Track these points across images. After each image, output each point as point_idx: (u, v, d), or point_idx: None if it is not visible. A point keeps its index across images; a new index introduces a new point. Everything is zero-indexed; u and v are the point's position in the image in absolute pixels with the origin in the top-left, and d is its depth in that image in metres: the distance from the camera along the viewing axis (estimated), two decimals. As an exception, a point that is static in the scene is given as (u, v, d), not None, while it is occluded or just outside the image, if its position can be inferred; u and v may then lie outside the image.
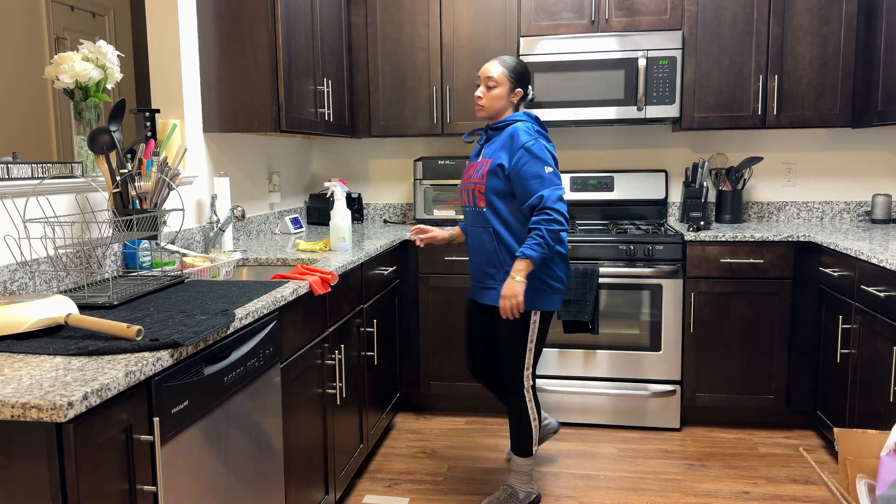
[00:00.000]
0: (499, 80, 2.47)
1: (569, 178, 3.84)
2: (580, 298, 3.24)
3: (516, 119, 2.48)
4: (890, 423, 2.48)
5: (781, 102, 3.41)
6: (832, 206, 3.76)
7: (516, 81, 2.49)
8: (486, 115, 2.52)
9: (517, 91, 2.50)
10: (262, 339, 1.92)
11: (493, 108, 2.50)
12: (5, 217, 1.86)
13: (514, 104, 2.52)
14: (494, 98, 2.48)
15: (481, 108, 2.51)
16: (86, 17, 4.43)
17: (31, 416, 1.13)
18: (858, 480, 1.71)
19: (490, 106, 2.49)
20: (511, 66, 2.48)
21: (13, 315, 1.50)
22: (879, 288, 2.54)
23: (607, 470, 2.97)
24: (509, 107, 2.51)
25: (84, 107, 2.19)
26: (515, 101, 2.52)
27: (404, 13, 3.63)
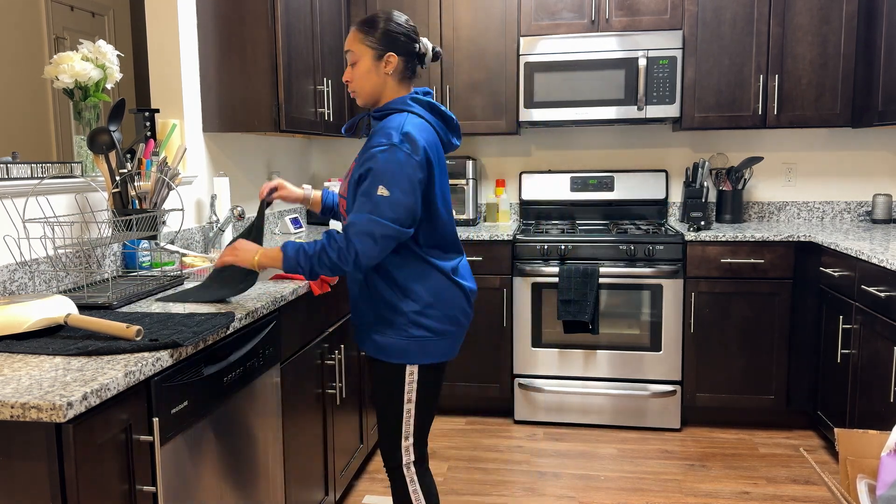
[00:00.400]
0: (358, 52, 1.84)
1: (569, 177, 3.84)
2: (580, 298, 3.24)
3: (399, 107, 1.84)
4: (890, 424, 2.48)
5: (782, 102, 3.41)
6: (832, 206, 3.76)
7: (382, 46, 1.83)
8: (364, 102, 1.90)
9: (389, 58, 1.83)
10: (262, 339, 1.91)
11: (366, 90, 1.87)
12: (5, 217, 1.86)
13: (393, 77, 1.86)
14: (361, 76, 1.85)
15: (354, 93, 1.90)
16: (85, 17, 4.43)
17: (31, 417, 1.13)
18: (859, 481, 1.71)
19: (360, 88, 1.87)
20: (372, 28, 1.84)
21: (13, 315, 1.50)
22: (880, 288, 2.54)
23: (607, 470, 2.97)
24: (388, 82, 1.86)
25: (84, 107, 2.18)
26: (392, 71, 1.84)
27: (404, 13, 3.62)
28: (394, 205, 1.70)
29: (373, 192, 1.71)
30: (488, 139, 4.01)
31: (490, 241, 3.39)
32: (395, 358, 1.86)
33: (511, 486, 2.84)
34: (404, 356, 1.86)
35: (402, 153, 1.72)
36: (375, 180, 1.71)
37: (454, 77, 3.62)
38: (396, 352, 1.86)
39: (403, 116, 1.80)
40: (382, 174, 1.71)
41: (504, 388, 3.48)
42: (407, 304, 1.84)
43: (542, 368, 3.41)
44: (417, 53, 1.88)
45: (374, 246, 1.70)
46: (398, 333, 1.85)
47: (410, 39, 1.86)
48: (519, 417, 3.46)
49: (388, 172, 1.71)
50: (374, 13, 1.88)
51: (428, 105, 1.87)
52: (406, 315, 1.84)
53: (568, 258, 3.34)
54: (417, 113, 1.83)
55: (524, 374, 3.44)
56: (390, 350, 1.86)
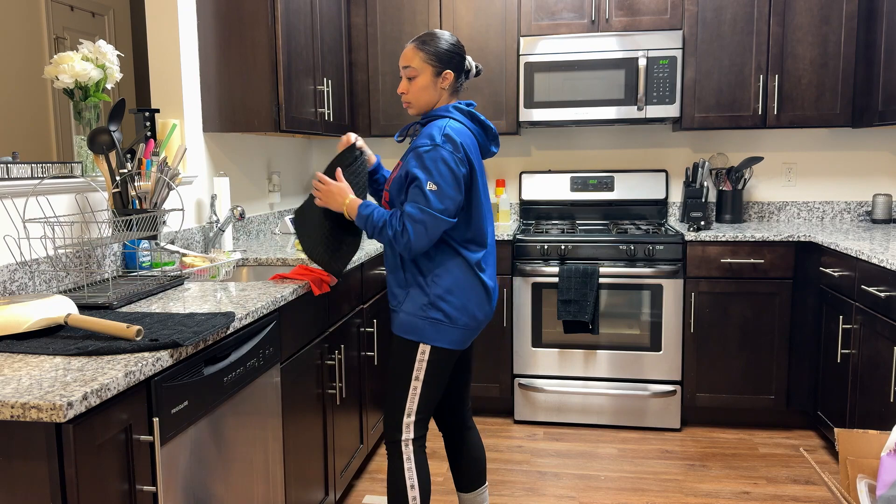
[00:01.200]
0: (418, 68, 2.04)
1: (569, 177, 3.84)
2: (580, 298, 3.24)
3: (442, 114, 2.05)
4: (890, 424, 2.48)
5: (782, 102, 3.41)
6: (832, 206, 3.76)
7: (441, 63, 2.04)
8: (417, 112, 2.10)
9: (446, 75, 2.04)
10: (262, 339, 1.92)
11: (422, 102, 2.07)
12: (5, 217, 1.86)
13: (446, 91, 2.07)
14: (419, 90, 2.05)
15: (409, 104, 2.09)
16: (85, 17, 4.43)
17: (31, 417, 1.13)
18: (859, 481, 1.71)
19: (417, 100, 2.07)
20: (431, 47, 2.03)
21: (13, 315, 1.50)
22: (880, 288, 2.54)
23: (607, 470, 2.97)
24: (442, 95, 2.07)
25: (84, 107, 2.18)
26: (446, 86, 2.06)
27: (404, 13, 3.63)
28: (442, 197, 1.92)
29: (423, 187, 1.91)
30: (488, 139, 4.00)
31: (490, 241, 3.38)
32: (411, 334, 2.03)
33: (511, 486, 2.84)
34: (418, 334, 2.03)
35: (445, 151, 1.93)
36: (425, 176, 1.92)
37: (454, 77, 3.62)
38: (413, 329, 2.03)
39: (445, 121, 2.01)
40: (430, 170, 1.92)
41: (504, 388, 3.48)
42: (431, 286, 2.02)
43: (543, 368, 3.41)
44: (465, 70, 2.11)
45: (425, 235, 1.93)
46: (418, 312, 2.03)
47: (462, 58, 2.08)
48: (519, 417, 3.46)
49: (435, 168, 1.92)
50: (429, 33, 2.07)
51: (468, 114, 2.08)
52: (428, 296, 2.02)
53: (568, 258, 3.34)
54: (458, 119, 2.04)
55: (524, 374, 3.44)
56: (408, 326, 2.04)
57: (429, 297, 2.02)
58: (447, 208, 1.93)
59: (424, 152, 1.94)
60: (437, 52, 2.03)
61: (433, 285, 2.02)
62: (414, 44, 2.05)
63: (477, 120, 2.09)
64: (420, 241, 1.93)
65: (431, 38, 2.05)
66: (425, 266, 2.04)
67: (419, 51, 2.04)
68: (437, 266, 2.03)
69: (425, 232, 1.92)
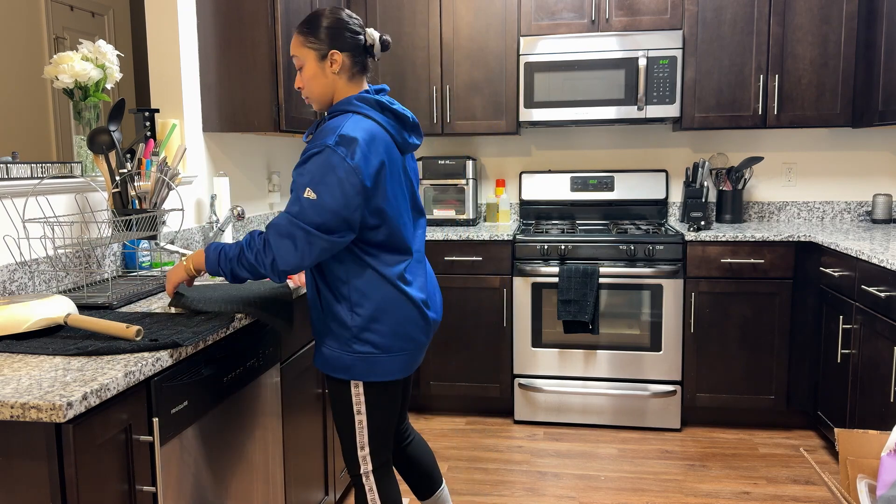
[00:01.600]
0: (301, 56, 1.76)
1: (569, 177, 3.84)
2: (580, 298, 3.24)
3: (343, 108, 1.75)
4: (890, 424, 2.48)
5: (782, 102, 3.41)
6: (833, 206, 3.76)
7: (323, 44, 1.74)
8: (320, 107, 1.82)
9: (333, 56, 1.74)
10: (262, 339, 1.91)
11: (317, 94, 1.78)
12: (5, 217, 1.86)
13: (342, 76, 1.77)
14: (308, 80, 1.77)
15: (308, 99, 1.82)
16: (85, 17, 4.43)
17: (31, 417, 1.13)
18: (859, 481, 1.71)
19: (311, 93, 1.79)
20: (310, 28, 1.75)
21: (13, 315, 1.50)
22: (880, 288, 2.54)
23: (607, 470, 2.97)
24: (337, 82, 1.77)
25: (83, 106, 2.18)
26: (338, 70, 1.75)
27: (404, 13, 3.63)
28: (320, 210, 1.60)
29: (300, 194, 1.61)
30: (488, 139, 4.01)
31: (490, 241, 3.38)
32: (339, 373, 1.79)
33: (511, 486, 2.84)
34: (347, 372, 1.78)
35: (335, 156, 1.61)
36: (304, 182, 1.62)
37: (454, 77, 3.62)
38: (340, 367, 1.79)
39: (345, 118, 1.70)
40: (311, 176, 1.61)
41: (504, 388, 3.48)
42: (351, 317, 1.76)
43: (542, 368, 3.41)
44: (364, 46, 1.79)
45: (294, 251, 1.61)
46: (342, 347, 1.77)
47: (353, 33, 1.76)
48: (519, 417, 3.46)
49: (318, 175, 1.61)
50: (313, 12, 1.78)
51: (376, 103, 1.75)
52: (350, 329, 1.76)
53: (568, 258, 3.34)
54: (363, 113, 1.72)
55: (524, 374, 3.44)
56: (335, 364, 1.79)
57: (350, 329, 1.75)
58: (325, 223, 1.60)
59: (312, 154, 1.63)
60: (317, 33, 1.73)
61: (353, 315, 1.75)
62: (295, 29, 1.77)
63: (388, 109, 1.76)
64: (287, 258, 1.61)
65: (311, 18, 1.75)
66: (339, 291, 1.76)
67: (299, 35, 1.76)
68: (352, 290, 1.75)
69: (294, 248, 1.61)
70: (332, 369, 1.80)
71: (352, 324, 1.75)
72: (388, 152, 1.73)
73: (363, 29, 1.80)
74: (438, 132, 3.66)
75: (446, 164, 3.70)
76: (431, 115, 3.65)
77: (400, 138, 1.79)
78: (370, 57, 1.82)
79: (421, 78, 3.65)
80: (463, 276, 3.43)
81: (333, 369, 1.80)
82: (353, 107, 1.73)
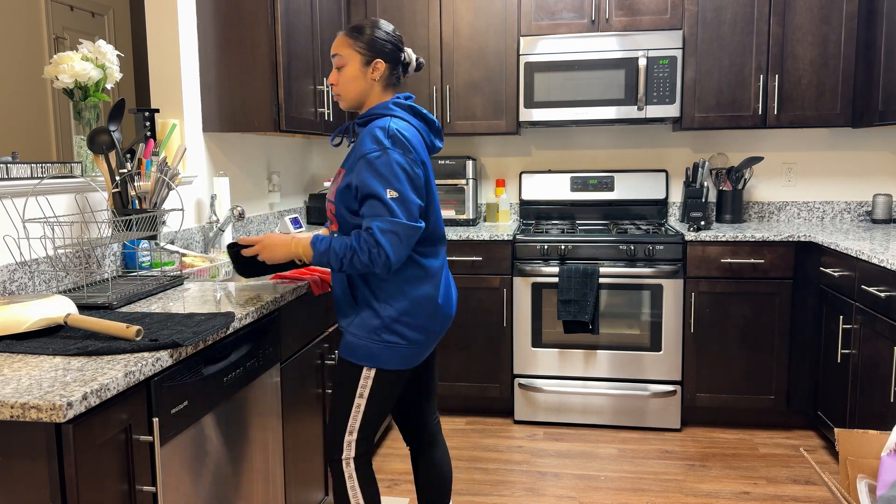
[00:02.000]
0: (346, 57, 1.89)
1: (569, 177, 3.84)
2: (580, 298, 3.24)
3: (381, 112, 1.88)
4: (890, 424, 2.48)
5: (782, 102, 3.41)
6: (833, 206, 3.76)
7: (371, 52, 1.88)
8: (348, 106, 1.95)
9: (377, 65, 1.89)
10: (262, 339, 1.91)
11: (351, 94, 1.92)
12: (4, 217, 1.86)
13: (379, 84, 1.92)
14: (348, 80, 1.90)
15: (339, 96, 1.94)
16: (85, 17, 4.43)
17: (31, 417, 1.13)
18: (859, 481, 1.71)
19: (346, 92, 1.92)
20: (361, 34, 1.89)
21: (13, 315, 1.50)
22: (880, 288, 2.54)
23: (607, 470, 2.97)
24: (373, 88, 1.92)
25: (83, 106, 2.18)
26: (378, 78, 1.90)
27: (404, 13, 3.63)
28: (406, 204, 1.76)
29: (384, 197, 1.74)
30: (488, 139, 4.01)
31: (490, 241, 3.39)
32: (363, 360, 1.87)
33: (511, 486, 2.84)
34: (372, 360, 1.87)
35: (396, 154, 1.77)
36: (381, 185, 1.75)
37: (454, 77, 3.62)
38: (363, 353, 1.87)
39: (387, 120, 1.83)
40: (386, 178, 1.75)
41: (504, 388, 3.48)
42: (384, 308, 1.85)
43: (542, 368, 3.41)
44: (402, 62, 1.95)
45: (401, 245, 1.75)
46: (370, 336, 1.86)
47: (397, 48, 1.92)
48: (519, 417, 3.46)
49: (391, 175, 1.75)
50: (362, 20, 1.93)
51: (410, 109, 1.92)
52: (382, 319, 1.85)
53: (568, 258, 3.34)
54: (400, 116, 1.87)
55: (524, 374, 3.44)
56: (358, 350, 1.87)
57: (382, 320, 1.85)
58: (412, 214, 1.77)
59: (375, 158, 1.76)
60: (367, 39, 1.88)
61: (387, 307, 1.85)
62: (344, 31, 1.91)
63: (419, 114, 1.94)
64: (399, 252, 1.75)
65: (363, 25, 1.90)
66: (377, 284, 1.86)
67: (348, 38, 1.90)
68: (390, 284, 1.86)
69: (399, 242, 1.75)
70: (357, 357, 1.88)
71: (385, 314, 1.85)
72: (424, 152, 1.91)
73: (404, 46, 1.96)
74: (438, 132, 3.66)
75: (446, 164, 3.70)
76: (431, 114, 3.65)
77: (428, 140, 1.96)
78: (404, 73, 1.98)
79: (421, 78, 3.65)
80: (463, 276, 3.43)
81: (358, 357, 1.88)
82: (391, 111, 1.87)
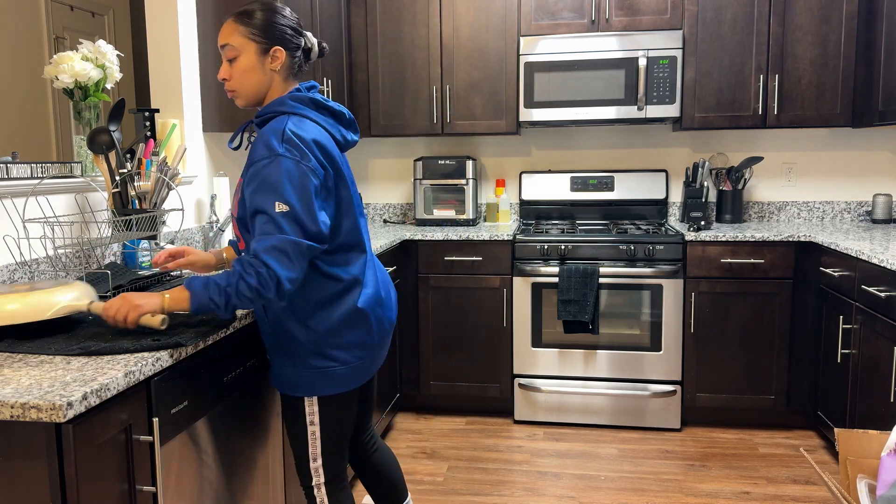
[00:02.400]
0: (238, 46, 1.65)
1: (569, 177, 3.83)
2: (580, 298, 3.24)
3: (277, 110, 1.65)
4: (890, 424, 2.48)
5: (782, 102, 3.41)
6: (833, 206, 3.76)
7: (268, 39, 1.65)
8: (245, 103, 1.71)
9: (275, 53, 1.66)
10: (262, 339, 1.91)
11: (248, 89, 1.68)
12: (4, 217, 1.86)
13: (278, 73, 1.68)
14: (243, 73, 1.66)
15: (234, 92, 1.69)
16: (85, 17, 4.43)
17: (31, 417, 1.13)
18: (859, 481, 1.71)
19: (242, 87, 1.67)
20: (253, 18, 1.65)
21: (40, 301, 1.48)
22: (880, 288, 2.54)
23: (607, 470, 2.97)
24: (273, 79, 1.68)
25: (83, 106, 2.18)
26: (277, 67, 1.67)
27: (404, 13, 3.63)
28: (297, 219, 1.52)
29: (270, 210, 1.51)
30: (488, 139, 4.01)
31: (490, 241, 3.39)
32: (298, 391, 1.72)
33: (511, 486, 2.84)
34: (303, 389, 1.71)
35: (289, 161, 1.53)
36: (270, 197, 1.51)
37: (454, 77, 3.62)
38: (298, 384, 1.71)
39: (283, 120, 1.60)
40: (275, 188, 1.51)
41: (504, 388, 3.48)
42: (305, 332, 1.67)
43: (542, 368, 3.41)
44: (304, 48, 1.73)
45: (293, 265, 1.52)
46: (296, 364, 1.70)
47: (297, 33, 1.71)
48: (519, 417, 3.46)
49: (280, 185, 1.51)
50: (253, 3, 1.69)
51: (311, 101, 1.68)
52: (307, 344, 1.68)
53: (568, 258, 3.34)
54: (300, 113, 1.64)
55: (524, 374, 3.44)
56: (290, 382, 1.72)
57: (305, 345, 1.68)
58: (306, 231, 1.53)
59: (263, 167, 1.53)
60: (260, 24, 1.64)
61: (307, 331, 1.67)
62: (233, 17, 1.66)
63: (324, 107, 1.70)
64: (290, 275, 1.51)
65: (255, 10, 1.66)
66: (291, 308, 1.67)
67: (238, 24, 1.65)
68: (308, 302, 1.67)
69: (291, 263, 1.51)
70: (290, 388, 1.73)
71: (305, 338, 1.67)
72: (332, 149, 1.67)
73: (304, 31, 1.75)
74: (438, 132, 3.66)
75: (446, 164, 3.70)
76: (431, 114, 3.65)
77: (339, 136, 1.73)
78: (306, 60, 1.75)
79: (421, 78, 3.65)
80: (463, 276, 3.43)
81: (291, 388, 1.73)
82: (288, 107, 1.64)
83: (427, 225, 3.76)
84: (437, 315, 3.48)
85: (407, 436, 3.35)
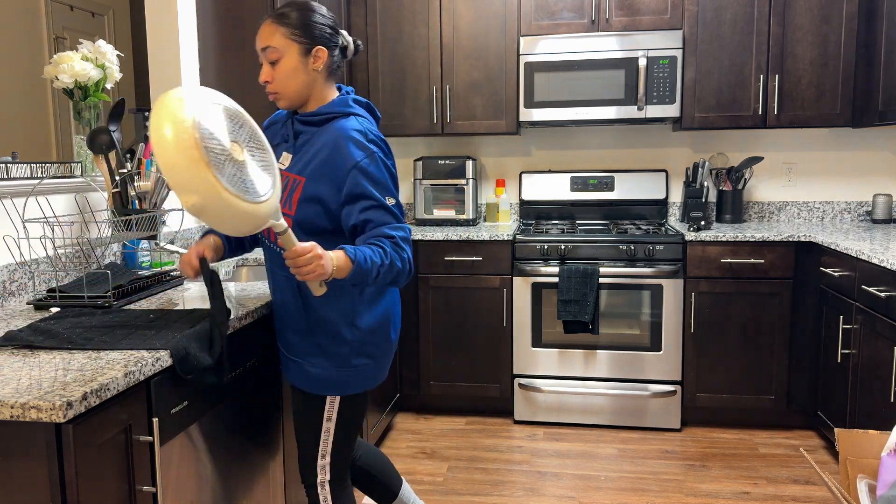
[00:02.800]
0: (281, 47, 1.63)
1: (569, 177, 3.83)
2: (580, 298, 3.24)
3: (342, 110, 1.68)
4: (891, 424, 2.48)
5: (782, 102, 3.41)
6: (833, 206, 3.75)
7: (309, 39, 1.64)
8: (289, 105, 1.71)
9: (318, 53, 1.66)
10: (262, 338, 1.91)
11: (291, 91, 1.67)
12: (5, 217, 1.86)
13: (320, 73, 1.68)
14: (286, 76, 1.65)
15: (276, 95, 1.69)
16: (85, 17, 4.43)
17: (31, 417, 1.13)
18: (859, 481, 1.71)
19: (286, 89, 1.67)
20: (293, 19, 1.64)
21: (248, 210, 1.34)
22: (880, 288, 2.54)
23: (608, 470, 2.97)
24: (316, 80, 1.68)
25: (83, 106, 2.18)
26: (319, 67, 1.67)
27: (404, 13, 3.63)
28: (401, 209, 1.65)
29: (386, 205, 1.61)
30: (488, 139, 4.01)
31: (490, 241, 3.38)
32: (324, 389, 1.71)
33: (511, 486, 2.84)
34: (334, 387, 1.71)
35: (383, 158, 1.64)
36: (380, 193, 1.60)
37: (454, 77, 3.62)
38: (327, 383, 1.70)
39: (353, 120, 1.66)
40: (383, 185, 1.62)
41: (504, 388, 3.48)
42: (352, 331, 1.68)
43: (542, 368, 3.41)
44: (340, 47, 1.73)
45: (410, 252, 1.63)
46: (336, 364, 1.68)
47: (335, 31, 1.71)
48: (519, 417, 3.46)
49: (384, 181, 1.62)
50: (290, 4, 1.67)
51: (367, 106, 1.77)
52: (351, 345, 1.68)
53: (568, 258, 3.34)
54: (362, 115, 1.71)
55: (524, 374, 3.44)
56: (322, 381, 1.70)
57: (351, 345, 1.68)
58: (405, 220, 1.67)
59: (367, 165, 1.60)
60: (302, 24, 1.63)
61: (356, 329, 1.68)
62: (271, 18, 1.64)
63: (371, 110, 1.78)
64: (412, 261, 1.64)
65: (294, 11, 1.64)
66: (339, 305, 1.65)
67: (279, 26, 1.63)
68: (358, 302, 1.69)
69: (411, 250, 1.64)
70: (320, 387, 1.71)
71: (352, 337, 1.68)
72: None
73: (340, 29, 1.76)
74: (438, 132, 3.66)
75: (446, 164, 3.70)
76: (431, 114, 3.65)
77: None
78: (343, 58, 1.76)
79: (421, 78, 3.65)
80: (463, 276, 3.43)
81: (321, 387, 1.71)
82: (352, 109, 1.70)
83: (427, 225, 3.76)
84: (437, 315, 3.48)
85: (407, 436, 3.35)
